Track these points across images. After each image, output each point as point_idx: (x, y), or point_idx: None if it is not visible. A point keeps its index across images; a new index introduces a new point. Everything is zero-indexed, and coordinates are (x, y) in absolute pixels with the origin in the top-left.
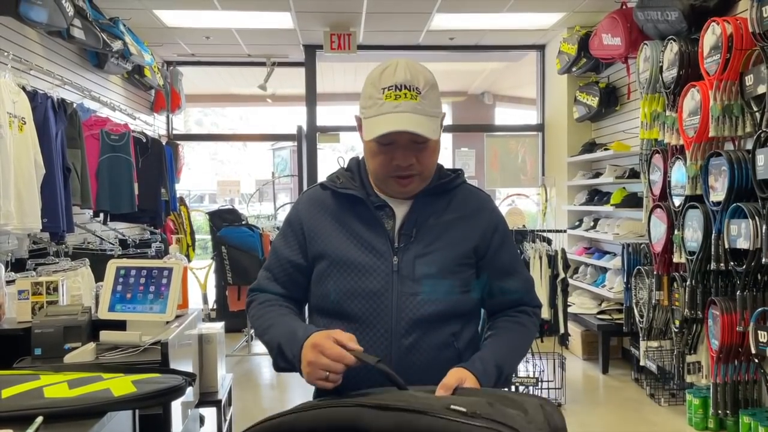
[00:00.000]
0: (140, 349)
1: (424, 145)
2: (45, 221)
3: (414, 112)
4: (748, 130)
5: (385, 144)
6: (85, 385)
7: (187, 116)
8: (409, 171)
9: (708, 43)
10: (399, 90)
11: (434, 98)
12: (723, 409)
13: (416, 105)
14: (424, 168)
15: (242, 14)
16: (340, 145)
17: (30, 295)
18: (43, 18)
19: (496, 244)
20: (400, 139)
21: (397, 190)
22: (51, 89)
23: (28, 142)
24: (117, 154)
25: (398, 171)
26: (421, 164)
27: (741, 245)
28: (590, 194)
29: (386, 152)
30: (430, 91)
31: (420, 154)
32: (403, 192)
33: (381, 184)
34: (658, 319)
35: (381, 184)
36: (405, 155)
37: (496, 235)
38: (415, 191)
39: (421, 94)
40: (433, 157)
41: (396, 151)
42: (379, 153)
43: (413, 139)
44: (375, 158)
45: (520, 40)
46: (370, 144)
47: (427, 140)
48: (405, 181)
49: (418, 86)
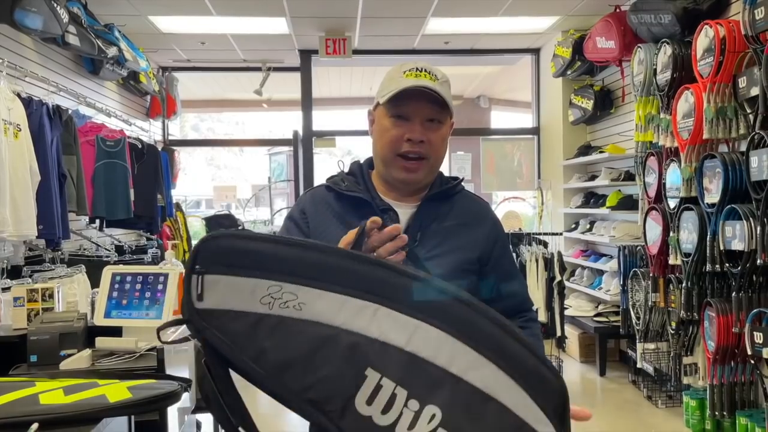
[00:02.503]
0: (136, 355)
1: (437, 125)
2: (41, 228)
3: (432, 86)
4: (742, 132)
5: (400, 117)
6: (81, 391)
7: (184, 122)
8: (419, 149)
9: (701, 45)
10: (419, 71)
11: (448, 91)
12: (720, 410)
13: (435, 84)
14: (433, 153)
15: (237, 20)
16: (336, 149)
17: (26, 302)
18: (38, 25)
19: (497, 253)
20: (416, 115)
21: (402, 176)
22: (46, 96)
23: (23, 148)
24: (113, 161)
25: (409, 147)
26: (432, 147)
27: (736, 247)
28: (586, 197)
29: (399, 126)
30: (445, 84)
31: (432, 135)
32: (408, 179)
33: (387, 167)
34: (655, 321)
35: (387, 169)
36: (419, 129)
37: (498, 244)
38: (419, 179)
39: (438, 81)
40: (442, 146)
41: (410, 124)
42: (391, 127)
43: (428, 117)
44: (387, 134)
45: (515, 43)
46: (383, 121)
47: (442, 121)
48: (412, 165)
49: (436, 75)
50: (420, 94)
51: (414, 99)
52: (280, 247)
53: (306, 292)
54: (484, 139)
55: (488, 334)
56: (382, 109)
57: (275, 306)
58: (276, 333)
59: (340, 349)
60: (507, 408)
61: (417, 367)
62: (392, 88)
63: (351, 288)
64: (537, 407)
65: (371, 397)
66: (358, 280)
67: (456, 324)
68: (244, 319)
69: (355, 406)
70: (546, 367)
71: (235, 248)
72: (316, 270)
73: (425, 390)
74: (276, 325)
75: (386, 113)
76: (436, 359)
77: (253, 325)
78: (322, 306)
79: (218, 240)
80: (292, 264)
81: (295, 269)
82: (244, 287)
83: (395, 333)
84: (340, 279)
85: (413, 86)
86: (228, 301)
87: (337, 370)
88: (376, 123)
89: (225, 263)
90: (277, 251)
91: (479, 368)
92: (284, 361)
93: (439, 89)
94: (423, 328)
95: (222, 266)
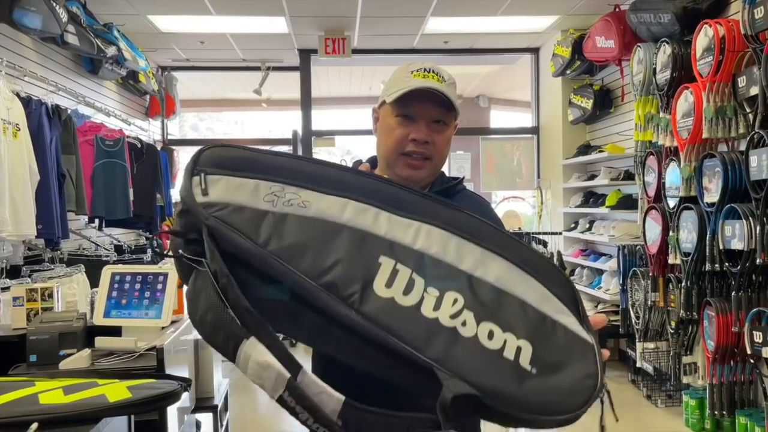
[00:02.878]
0: (136, 354)
1: (443, 127)
2: (40, 228)
3: (440, 88)
4: (741, 132)
5: (406, 117)
6: (80, 391)
7: (183, 121)
8: (423, 149)
9: (701, 45)
10: (427, 72)
11: (454, 92)
12: (719, 409)
13: (442, 86)
14: (437, 153)
15: (237, 19)
16: (335, 149)
17: (25, 301)
18: (37, 24)
19: None
20: (422, 116)
21: (406, 174)
22: (45, 95)
23: (22, 148)
24: (112, 160)
25: (414, 147)
26: (436, 148)
27: (735, 246)
28: (585, 196)
29: (405, 126)
30: (452, 85)
31: (437, 136)
32: (411, 177)
33: (391, 165)
34: (654, 321)
35: (390, 167)
36: (424, 130)
37: None
38: (422, 178)
39: (445, 82)
40: (446, 147)
41: (416, 125)
42: (397, 127)
43: (435, 118)
44: (392, 133)
45: (515, 43)
46: (389, 120)
47: (447, 123)
48: (416, 163)
49: (443, 76)
50: (427, 95)
51: (421, 100)
52: (279, 158)
53: (308, 194)
54: (483, 139)
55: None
56: (388, 108)
57: (279, 204)
58: (283, 225)
59: (350, 240)
60: (525, 302)
61: (428, 263)
62: (400, 88)
63: (350, 193)
64: (555, 297)
65: (390, 280)
66: (356, 187)
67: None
68: (249, 212)
69: (374, 290)
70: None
71: (234, 155)
72: (316, 177)
73: (441, 282)
74: (280, 220)
75: (392, 112)
76: (444, 256)
77: (258, 218)
78: (325, 205)
79: (217, 149)
80: (291, 171)
81: (294, 175)
82: (246, 186)
83: (400, 232)
84: (339, 185)
85: (421, 87)
86: (232, 196)
87: (350, 257)
88: (381, 121)
89: (225, 167)
90: (276, 161)
91: (489, 263)
92: (295, 246)
93: (446, 91)
94: (425, 228)
95: (223, 169)
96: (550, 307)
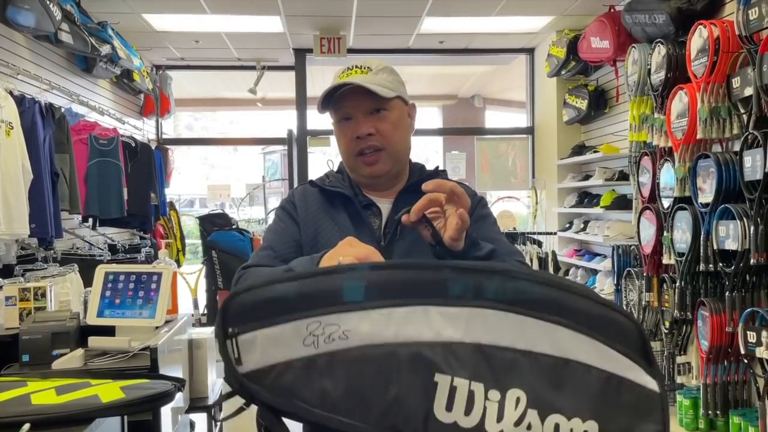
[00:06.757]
0: (129, 354)
1: (384, 114)
2: (33, 227)
3: (362, 81)
4: (736, 132)
5: (345, 119)
6: (73, 391)
7: (177, 120)
8: (369, 142)
9: (695, 45)
10: (350, 69)
11: (387, 77)
12: (713, 409)
13: (365, 76)
14: (386, 141)
15: (231, 18)
16: (330, 148)
17: (18, 301)
18: (31, 22)
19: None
20: (355, 111)
21: (366, 172)
22: (39, 94)
23: (15, 147)
24: (106, 159)
25: (360, 144)
26: (383, 136)
27: (729, 246)
28: (580, 196)
29: (347, 127)
30: (382, 71)
31: (379, 125)
32: (371, 172)
33: (352, 169)
34: (649, 321)
35: (353, 171)
36: (363, 123)
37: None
38: (383, 171)
39: (372, 71)
40: (396, 132)
41: (355, 123)
42: (342, 132)
43: (368, 110)
44: (340, 140)
45: (510, 43)
46: (335, 127)
47: (382, 107)
48: (370, 158)
49: (370, 66)
50: (353, 91)
51: (348, 97)
52: (303, 282)
53: (347, 319)
54: (478, 139)
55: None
56: (331, 118)
57: (320, 343)
58: (331, 370)
59: (402, 363)
60: (588, 365)
61: (484, 356)
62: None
63: (389, 299)
64: (619, 354)
65: (449, 403)
66: (393, 288)
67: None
68: (293, 368)
69: (435, 417)
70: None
71: (258, 300)
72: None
73: (501, 376)
74: (328, 362)
75: (334, 119)
76: (500, 341)
77: (305, 370)
78: (367, 327)
79: (239, 297)
80: (321, 296)
81: (326, 300)
82: (283, 335)
83: (450, 329)
84: (374, 294)
85: (337, 85)
86: (270, 355)
87: (407, 386)
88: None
89: (254, 318)
90: (301, 288)
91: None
92: (350, 396)
93: (369, 80)
94: (475, 314)
95: (253, 322)
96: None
